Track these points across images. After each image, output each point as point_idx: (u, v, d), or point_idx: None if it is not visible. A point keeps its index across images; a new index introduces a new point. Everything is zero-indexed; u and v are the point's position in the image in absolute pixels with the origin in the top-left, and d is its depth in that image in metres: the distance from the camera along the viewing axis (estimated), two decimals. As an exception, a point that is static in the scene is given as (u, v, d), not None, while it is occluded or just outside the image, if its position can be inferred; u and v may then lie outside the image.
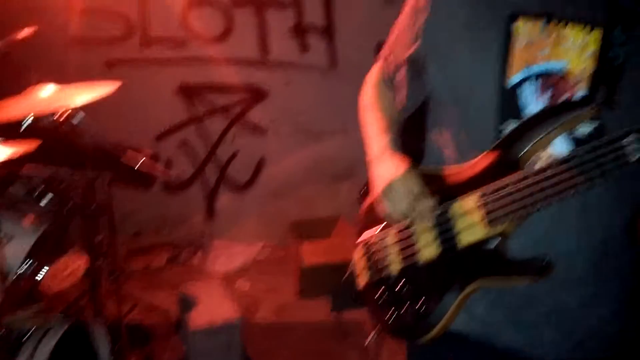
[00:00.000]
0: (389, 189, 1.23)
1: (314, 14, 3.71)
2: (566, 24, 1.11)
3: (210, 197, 3.99)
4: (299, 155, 3.92)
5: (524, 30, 1.13)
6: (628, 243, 1.18)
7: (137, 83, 3.49)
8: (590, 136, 1.09)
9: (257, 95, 3.84)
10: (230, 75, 3.76)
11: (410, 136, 1.45)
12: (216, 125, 3.89)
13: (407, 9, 1.31)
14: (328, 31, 3.75)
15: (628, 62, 1.07)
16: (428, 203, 1.19)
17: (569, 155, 1.06)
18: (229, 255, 3.83)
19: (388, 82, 1.43)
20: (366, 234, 1.37)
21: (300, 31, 3.75)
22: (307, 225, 3.72)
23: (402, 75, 1.35)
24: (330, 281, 2.80)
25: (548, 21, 1.12)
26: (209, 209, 4.00)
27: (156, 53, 3.68)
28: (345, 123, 3.64)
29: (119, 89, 2.29)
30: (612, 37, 1.08)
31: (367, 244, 1.36)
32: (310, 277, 3.29)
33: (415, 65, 1.29)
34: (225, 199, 4.01)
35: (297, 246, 3.47)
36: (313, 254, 3.36)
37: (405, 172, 1.23)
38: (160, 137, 3.83)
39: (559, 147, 1.10)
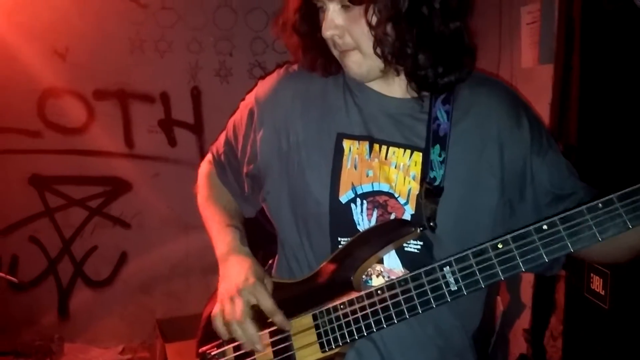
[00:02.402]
0: (234, 298, 1.14)
1: (181, 109, 3.73)
2: (388, 148, 1.13)
3: (64, 296, 3.66)
4: (165, 249, 3.78)
5: (352, 150, 1.14)
6: (468, 349, 1.22)
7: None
8: (420, 251, 1.11)
9: (118, 188, 3.70)
10: (89, 167, 3.61)
11: (263, 218, 1.39)
12: (72, 218, 3.65)
13: (243, 111, 1.29)
14: (197, 126, 3.77)
15: (446, 183, 1.10)
16: (277, 318, 1.12)
17: (396, 281, 1.05)
18: (83, 361, 3.50)
19: (222, 175, 1.40)
20: (206, 346, 1.25)
21: (168, 125, 3.73)
22: (174, 323, 3.52)
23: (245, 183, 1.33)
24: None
25: (371, 144, 1.14)
26: (62, 309, 3.66)
27: (6, 144, 3.44)
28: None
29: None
30: (431, 159, 1.10)
31: (206, 358, 1.24)
32: (177, 380, 3.11)
33: (255, 180, 1.29)
34: (81, 298, 3.70)
35: (162, 346, 3.28)
36: (180, 354, 3.19)
37: (253, 284, 1.13)
38: (6, 231, 3.50)
39: (391, 262, 1.12)
